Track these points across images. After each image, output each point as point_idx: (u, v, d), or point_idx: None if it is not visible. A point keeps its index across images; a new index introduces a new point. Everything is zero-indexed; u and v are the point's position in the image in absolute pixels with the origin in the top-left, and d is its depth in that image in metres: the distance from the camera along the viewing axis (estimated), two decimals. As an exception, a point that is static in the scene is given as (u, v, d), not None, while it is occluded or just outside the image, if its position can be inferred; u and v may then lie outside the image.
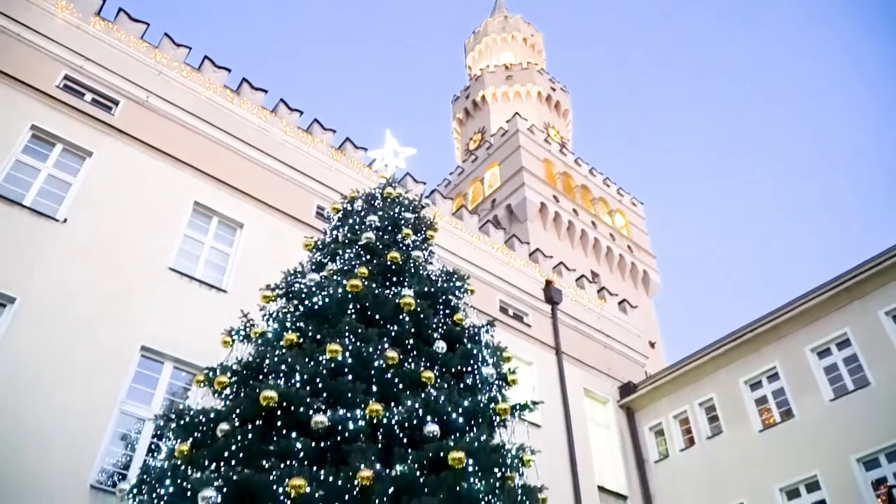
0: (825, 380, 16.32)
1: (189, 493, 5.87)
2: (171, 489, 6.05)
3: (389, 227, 9.38)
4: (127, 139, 13.60)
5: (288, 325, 7.74)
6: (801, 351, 16.94)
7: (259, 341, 7.82)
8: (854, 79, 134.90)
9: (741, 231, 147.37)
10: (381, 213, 9.53)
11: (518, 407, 7.86)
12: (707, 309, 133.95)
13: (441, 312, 8.34)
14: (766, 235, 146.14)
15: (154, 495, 6.17)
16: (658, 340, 36.92)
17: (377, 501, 5.80)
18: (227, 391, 7.23)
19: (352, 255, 8.70)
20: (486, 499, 6.17)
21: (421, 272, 8.80)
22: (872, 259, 16.28)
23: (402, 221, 9.56)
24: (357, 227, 9.28)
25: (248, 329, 8.17)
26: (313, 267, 8.86)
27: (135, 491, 6.56)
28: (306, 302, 7.91)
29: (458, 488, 5.97)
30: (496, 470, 6.55)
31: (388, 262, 8.54)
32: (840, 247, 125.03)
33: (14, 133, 12.12)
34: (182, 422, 6.88)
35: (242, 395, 6.81)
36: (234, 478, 5.72)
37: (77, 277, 11.30)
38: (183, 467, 6.31)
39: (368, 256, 8.72)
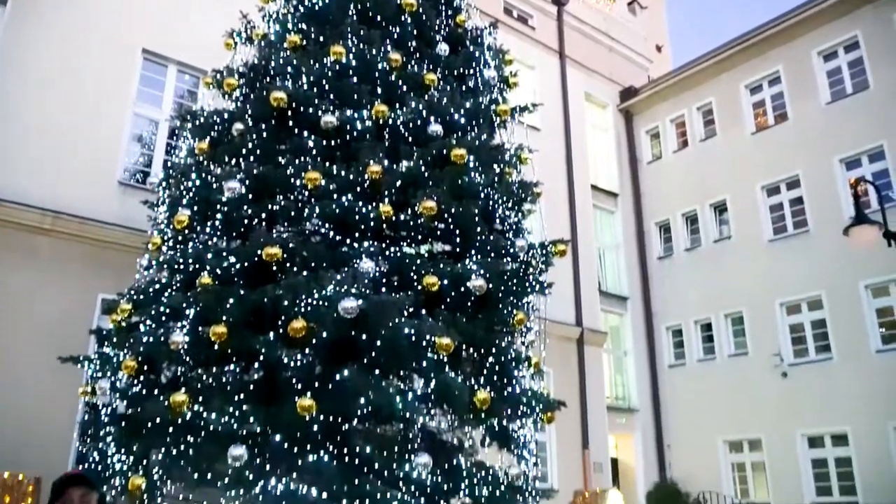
0: (826, 83, 16.40)
1: (214, 186, 6.44)
2: (196, 182, 6.62)
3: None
4: None
5: (289, 26, 7.71)
6: (807, 54, 16.74)
7: (262, 43, 7.86)
8: None
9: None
10: None
11: (518, 109, 8.18)
12: (723, 11, 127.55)
13: (443, 13, 8.21)
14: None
15: (182, 187, 6.77)
16: (666, 44, 36.00)
17: (386, 192, 6.39)
18: (237, 93, 7.47)
19: (349, -49, 8.28)
20: (486, 191, 6.80)
21: (422, -31, 8.45)
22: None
23: None
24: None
25: (249, 31, 8.16)
26: (309, -36, 8.48)
27: (164, 184, 7.16)
28: (306, 2, 7.76)
29: (459, 181, 6.54)
30: (495, 166, 7.10)
31: (388, -42, 8.17)
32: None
33: None
34: (197, 122, 7.26)
35: (252, 96, 7.07)
36: (255, 172, 6.24)
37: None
38: (205, 163, 6.83)
39: (366, -48, 8.31)
